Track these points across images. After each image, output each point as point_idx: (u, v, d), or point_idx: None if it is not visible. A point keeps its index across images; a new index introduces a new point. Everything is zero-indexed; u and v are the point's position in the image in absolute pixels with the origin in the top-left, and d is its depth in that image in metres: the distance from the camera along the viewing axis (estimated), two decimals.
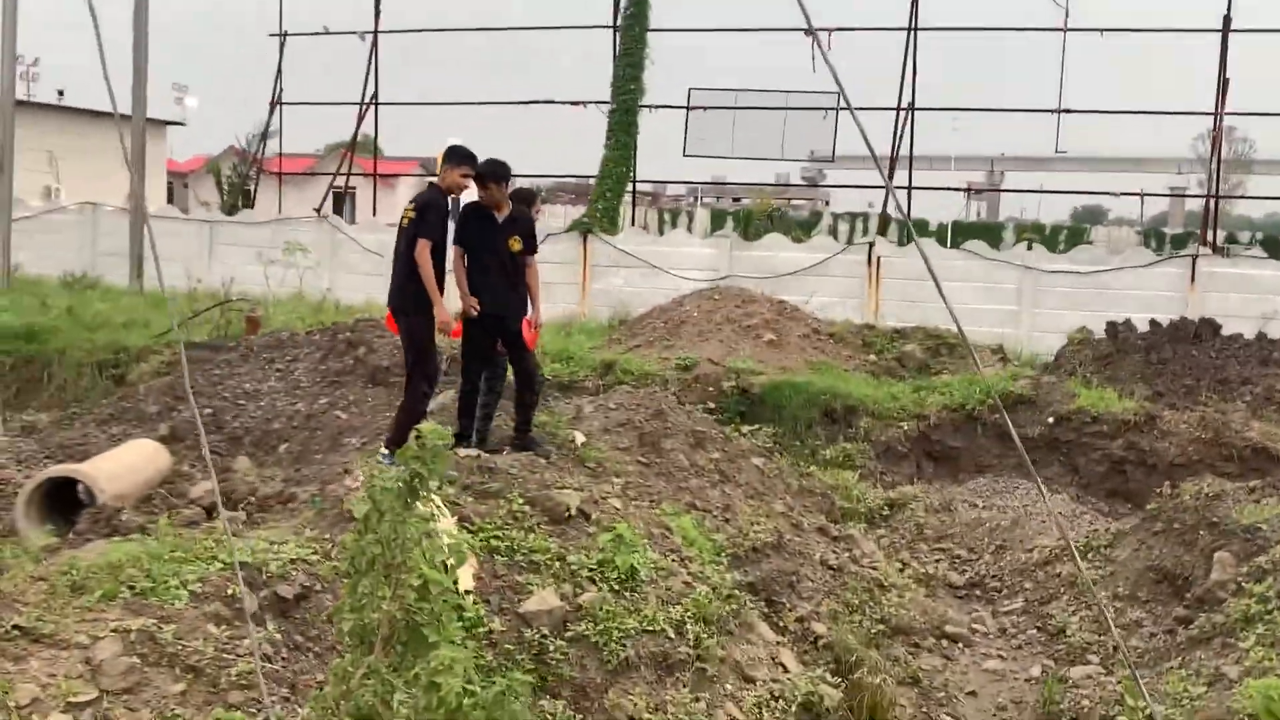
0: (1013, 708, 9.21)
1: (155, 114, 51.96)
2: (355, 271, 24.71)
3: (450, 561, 4.52)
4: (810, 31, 24.70)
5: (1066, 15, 23.73)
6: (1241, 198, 31.38)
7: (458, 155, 8.63)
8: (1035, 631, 10.75)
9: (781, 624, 8.72)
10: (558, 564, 7.01)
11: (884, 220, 25.09)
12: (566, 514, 7.46)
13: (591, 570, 7.06)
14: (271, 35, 27.19)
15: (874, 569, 10.20)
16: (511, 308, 8.94)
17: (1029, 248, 23.24)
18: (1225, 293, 21.22)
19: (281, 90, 27.44)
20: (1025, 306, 21.79)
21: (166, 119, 50.03)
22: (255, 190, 30.76)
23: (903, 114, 23.90)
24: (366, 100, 26.37)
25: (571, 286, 23.83)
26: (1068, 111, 24.60)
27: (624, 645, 6.61)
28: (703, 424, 11.10)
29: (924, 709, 8.80)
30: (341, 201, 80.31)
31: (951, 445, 16.14)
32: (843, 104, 25.19)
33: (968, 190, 34.55)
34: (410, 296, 8.33)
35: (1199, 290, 21.27)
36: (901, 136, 23.95)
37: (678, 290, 21.55)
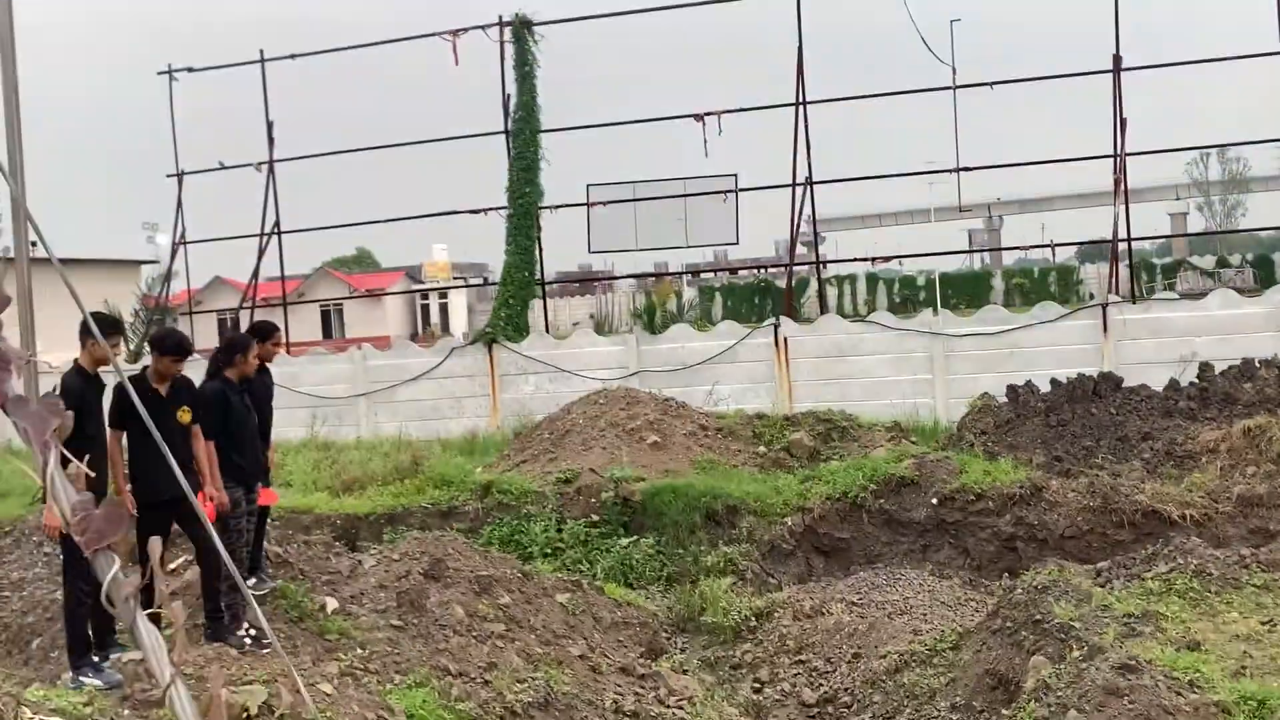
0: None
1: (128, 255, 52.21)
2: None
3: None
4: (699, 117, 24.49)
5: (954, 72, 23.36)
6: (1145, 238, 30.61)
7: (105, 326, 7.97)
8: None
9: None
10: None
11: (790, 294, 24.53)
12: (244, 716, 6.80)
13: None
14: (169, 176, 26.95)
15: (680, 708, 9.48)
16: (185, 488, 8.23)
17: (935, 312, 22.60)
18: (1140, 339, 20.58)
19: (184, 230, 27.14)
20: (938, 374, 21.14)
21: (140, 259, 50.20)
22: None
23: (799, 189, 23.45)
24: (268, 230, 26.05)
25: (482, 399, 23.27)
26: (965, 170, 24.15)
27: None
28: (497, 565, 10.44)
29: None
30: (329, 320, 79.79)
31: (839, 537, 15.47)
32: (739, 186, 24.86)
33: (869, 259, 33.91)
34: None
35: (1113, 339, 20.61)
36: (802, 210, 23.47)
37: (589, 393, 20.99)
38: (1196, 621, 8.72)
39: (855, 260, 39.98)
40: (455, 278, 76.08)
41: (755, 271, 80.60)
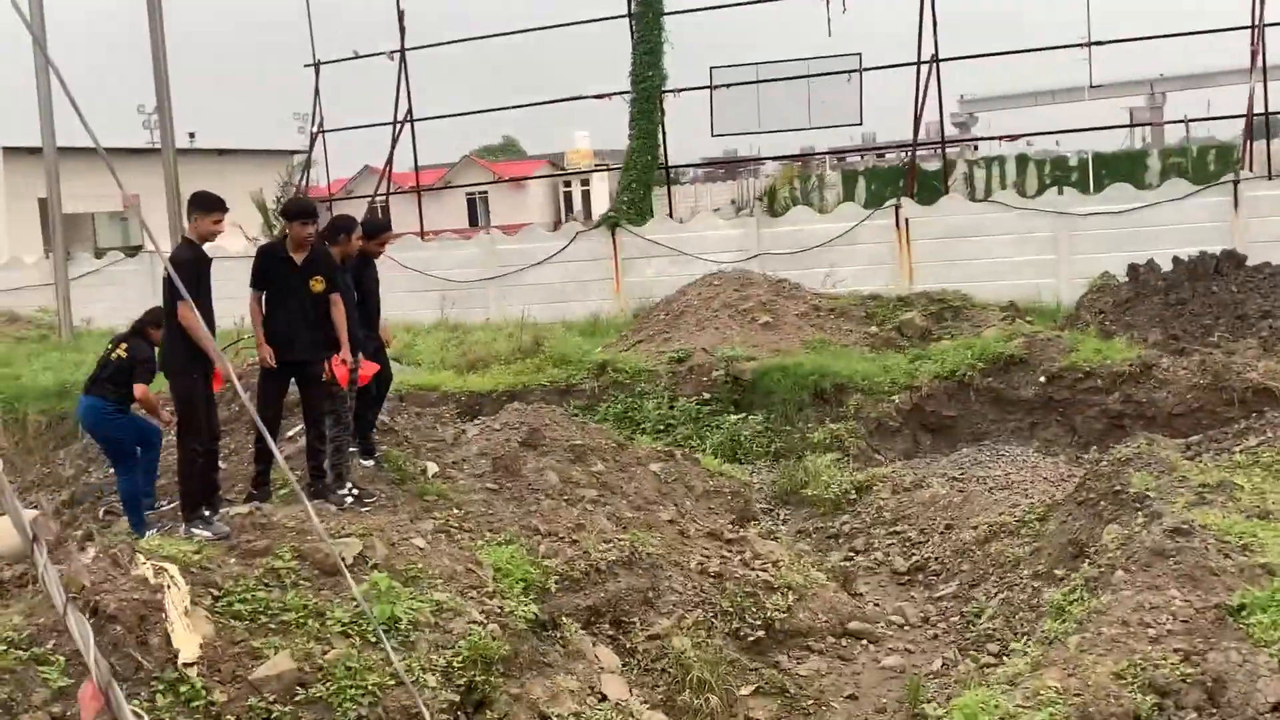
0: (894, 708, 8.84)
1: (280, 145, 53.28)
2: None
3: None
4: None
5: None
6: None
7: (206, 203, 8.33)
8: (958, 618, 10.31)
9: (631, 645, 8.53)
10: (312, 621, 6.95)
11: (913, 175, 24.31)
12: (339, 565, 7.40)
13: (345, 625, 6.99)
14: (306, 65, 27.66)
15: (764, 570, 9.88)
16: (311, 352, 8.79)
17: (1060, 191, 22.18)
18: (1274, 217, 19.97)
19: (322, 119, 27.93)
20: (1062, 254, 20.84)
21: (290, 149, 51.10)
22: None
23: (926, 67, 23.11)
24: (401, 118, 26.66)
25: (605, 282, 23.69)
26: (1097, 44, 23.52)
27: (359, 703, 6.53)
28: (592, 435, 10.92)
29: None
30: (474, 208, 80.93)
31: (946, 415, 15.61)
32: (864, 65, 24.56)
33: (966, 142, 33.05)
34: (172, 357, 8.26)
35: (1243, 217, 20.06)
36: (927, 90, 23.14)
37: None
38: (1275, 494, 8.77)
39: (1003, 138, 38.61)
40: (597, 164, 76.26)
41: (900, 153, 79.13)
